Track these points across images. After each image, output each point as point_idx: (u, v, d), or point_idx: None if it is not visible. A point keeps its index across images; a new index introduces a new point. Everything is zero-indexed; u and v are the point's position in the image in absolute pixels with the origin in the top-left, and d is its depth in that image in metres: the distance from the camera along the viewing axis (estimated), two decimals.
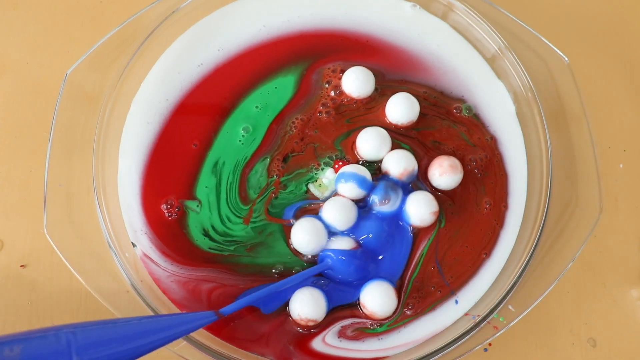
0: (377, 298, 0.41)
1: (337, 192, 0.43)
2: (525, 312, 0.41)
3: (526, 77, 0.47)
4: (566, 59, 0.47)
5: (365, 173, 0.43)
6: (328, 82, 0.47)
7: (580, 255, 0.43)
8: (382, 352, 0.41)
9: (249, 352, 0.41)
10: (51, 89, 0.49)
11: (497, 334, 0.40)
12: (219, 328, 0.41)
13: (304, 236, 0.41)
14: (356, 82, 0.46)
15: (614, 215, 0.49)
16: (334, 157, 0.45)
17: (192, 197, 0.43)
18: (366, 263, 0.41)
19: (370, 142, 0.44)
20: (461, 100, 0.47)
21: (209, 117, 0.45)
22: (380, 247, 0.42)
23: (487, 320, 0.41)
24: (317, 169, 0.44)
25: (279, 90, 0.46)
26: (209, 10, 0.48)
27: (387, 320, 0.41)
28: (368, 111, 0.46)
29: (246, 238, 0.43)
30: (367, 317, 0.41)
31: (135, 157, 0.44)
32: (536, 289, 0.42)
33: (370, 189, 0.43)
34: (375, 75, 0.46)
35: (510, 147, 0.46)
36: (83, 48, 0.46)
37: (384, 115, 0.46)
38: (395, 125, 0.46)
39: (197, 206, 0.43)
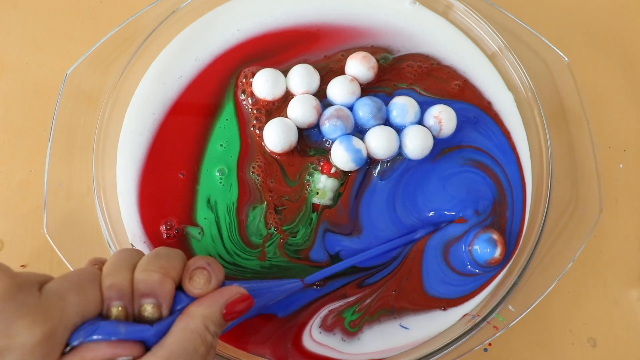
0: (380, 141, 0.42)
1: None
2: (525, 312, 0.41)
3: (526, 77, 0.47)
4: (566, 59, 0.47)
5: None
6: (243, 92, 0.45)
7: (580, 255, 0.43)
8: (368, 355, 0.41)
9: (249, 352, 0.40)
10: (51, 89, 0.49)
11: (497, 334, 0.40)
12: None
13: None
14: (266, 84, 0.43)
15: (614, 215, 0.49)
16: (312, 164, 0.43)
17: (194, 223, 0.42)
18: None
19: (275, 132, 0.42)
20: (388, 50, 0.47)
21: (188, 140, 0.43)
22: None
23: (487, 320, 0.41)
24: (308, 189, 0.43)
25: (229, 122, 0.44)
26: (208, 9, 0.48)
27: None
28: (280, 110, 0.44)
29: (264, 271, 0.41)
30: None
31: (130, 168, 0.43)
32: (536, 289, 0.42)
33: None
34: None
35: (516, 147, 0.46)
36: (83, 48, 0.46)
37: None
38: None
39: (199, 233, 0.41)
